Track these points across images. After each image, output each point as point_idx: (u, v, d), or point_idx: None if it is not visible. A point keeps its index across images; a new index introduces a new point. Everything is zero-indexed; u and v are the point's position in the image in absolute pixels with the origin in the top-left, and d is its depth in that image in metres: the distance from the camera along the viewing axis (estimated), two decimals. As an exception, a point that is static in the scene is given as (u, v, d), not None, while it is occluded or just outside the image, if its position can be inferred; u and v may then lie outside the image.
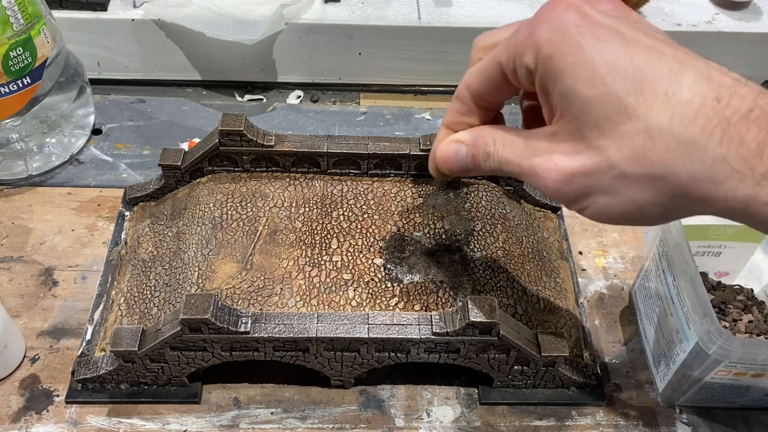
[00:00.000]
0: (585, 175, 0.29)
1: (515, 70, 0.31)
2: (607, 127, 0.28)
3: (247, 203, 0.49)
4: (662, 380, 0.46)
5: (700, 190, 0.27)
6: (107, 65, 0.66)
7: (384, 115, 0.67)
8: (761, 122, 0.26)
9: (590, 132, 0.28)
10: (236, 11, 0.61)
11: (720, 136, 0.26)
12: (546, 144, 0.31)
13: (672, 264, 0.44)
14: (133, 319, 0.45)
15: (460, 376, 0.47)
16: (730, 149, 0.26)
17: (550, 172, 0.30)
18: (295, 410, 0.45)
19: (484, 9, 0.65)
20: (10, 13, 0.49)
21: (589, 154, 0.29)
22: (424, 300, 0.44)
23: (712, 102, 0.26)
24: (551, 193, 0.31)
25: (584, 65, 0.28)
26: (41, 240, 0.53)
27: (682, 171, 0.27)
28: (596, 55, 0.28)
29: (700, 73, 0.27)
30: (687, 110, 0.26)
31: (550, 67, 0.29)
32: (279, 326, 0.40)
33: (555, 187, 0.30)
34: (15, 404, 0.44)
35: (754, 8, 0.67)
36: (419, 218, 0.49)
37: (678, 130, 0.26)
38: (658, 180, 0.27)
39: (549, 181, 0.30)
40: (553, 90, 0.29)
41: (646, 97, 0.27)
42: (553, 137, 0.30)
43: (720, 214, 0.28)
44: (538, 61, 0.29)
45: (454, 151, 0.35)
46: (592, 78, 0.28)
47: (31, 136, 0.56)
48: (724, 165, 0.26)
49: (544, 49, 0.29)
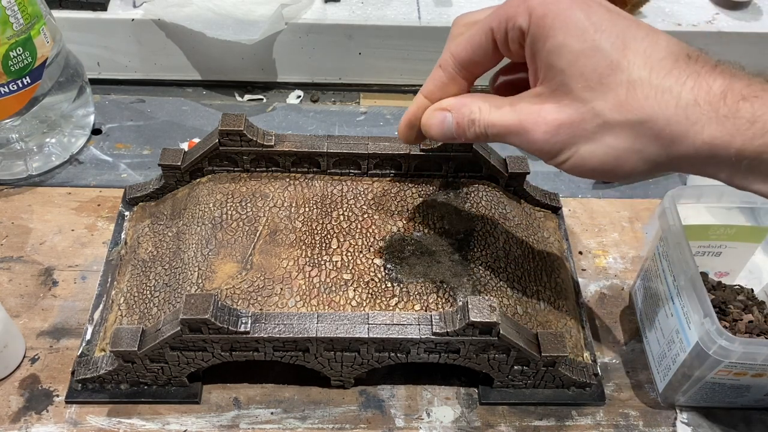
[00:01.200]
0: (571, 125, 0.31)
1: (506, 34, 0.33)
2: (594, 78, 0.30)
3: (247, 203, 0.49)
4: (662, 380, 0.46)
5: (674, 133, 0.30)
6: (107, 65, 0.66)
7: (384, 115, 0.67)
8: (725, 74, 0.30)
9: (576, 84, 0.31)
10: (236, 11, 0.61)
11: (692, 84, 0.29)
12: (532, 103, 0.33)
13: (672, 264, 0.44)
14: (133, 319, 0.45)
15: (460, 376, 0.47)
16: (700, 95, 0.29)
17: (538, 125, 0.32)
18: (295, 410, 0.45)
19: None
20: (10, 13, 0.49)
21: (575, 105, 0.31)
22: (424, 300, 0.44)
23: (684, 58, 0.30)
24: (538, 147, 0.33)
25: (575, 23, 0.31)
26: (41, 240, 0.53)
27: (659, 115, 0.30)
28: (585, 17, 0.31)
29: (670, 41, 0.31)
30: (664, 64, 0.30)
31: (542, 26, 0.31)
32: (279, 326, 0.40)
33: (543, 139, 0.32)
34: (15, 404, 0.44)
35: (754, 8, 0.67)
36: (419, 218, 0.49)
37: (656, 81, 0.30)
38: (637, 125, 0.30)
39: (537, 134, 0.32)
40: (542, 48, 0.31)
41: (628, 54, 0.30)
42: (539, 96, 0.33)
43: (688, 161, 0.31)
44: (531, 21, 0.31)
45: (440, 119, 0.36)
46: (582, 34, 0.30)
47: (31, 136, 0.56)
48: (695, 107, 0.29)
49: (538, 10, 0.31)
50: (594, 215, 0.58)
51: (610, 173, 0.32)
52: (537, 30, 0.31)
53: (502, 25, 0.33)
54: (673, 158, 0.31)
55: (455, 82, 0.36)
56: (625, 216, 0.58)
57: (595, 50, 0.30)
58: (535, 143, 0.33)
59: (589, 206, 0.59)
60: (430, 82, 0.37)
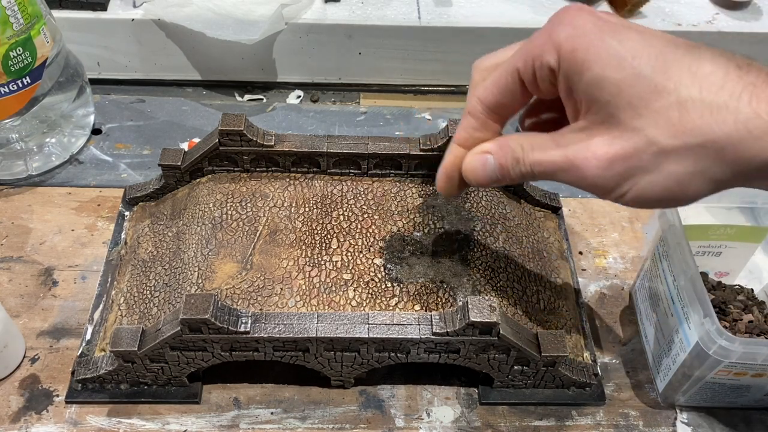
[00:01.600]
0: (625, 158, 0.30)
1: (534, 74, 0.32)
2: (641, 106, 0.29)
3: (247, 203, 0.49)
4: (662, 380, 0.46)
5: (738, 152, 0.28)
6: (107, 65, 0.66)
7: (384, 115, 0.67)
8: None
9: (624, 114, 0.29)
10: (236, 11, 0.61)
11: (748, 98, 0.27)
12: (578, 138, 0.31)
13: (672, 264, 0.44)
14: (132, 319, 0.45)
15: (460, 376, 0.47)
16: (761, 107, 0.27)
17: (589, 161, 0.30)
18: (295, 410, 0.45)
19: (484, 9, 0.65)
20: (10, 13, 0.49)
21: (626, 136, 0.29)
22: (424, 300, 0.44)
23: (735, 70, 0.28)
24: (591, 182, 0.31)
25: (609, 53, 0.29)
26: (41, 240, 0.53)
27: (719, 134, 0.28)
28: (618, 44, 0.29)
29: (714, 52, 0.29)
30: (713, 80, 0.28)
31: (574, 61, 0.30)
32: (279, 326, 0.40)
33: (596, 174, 0.30)
34: (15, 404, 0.44)
35: (754, 8, 0.67)
36: (419, 218, 0.49)
37: (709, 98, 0.28)
38: (697, 148, 0.28)
39: (590, 170, 0.30)
40: (579, 82, 0.30)
41: (673, 74, 0.28)
42: (584, 130, 0.31)
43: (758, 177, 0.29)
44: (561, 58, 0.30)
45: (482, 162, 0.35)
46: (620, 62, 0.29)
47: (31, 136, 0.56)
48: (758, 121, 0.27)
49: (566, 45, 0.30)
50: (594, 215, 0.58)
51: (675, 200, 0.31)
52: (569, 66, 0.30)
53: (528, 65, 0.32)
54: (739, 175, 0.29)
55: (487, 127, 0.35)
56: (625, 216, 0.58)
57: (637, 77, 0.29)
58: (589, 179, 0.31)
59: (589, 206, 0.59)
60: (462, 131, 0.36)
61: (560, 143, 0.32)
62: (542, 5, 0.66)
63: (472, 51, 0.65)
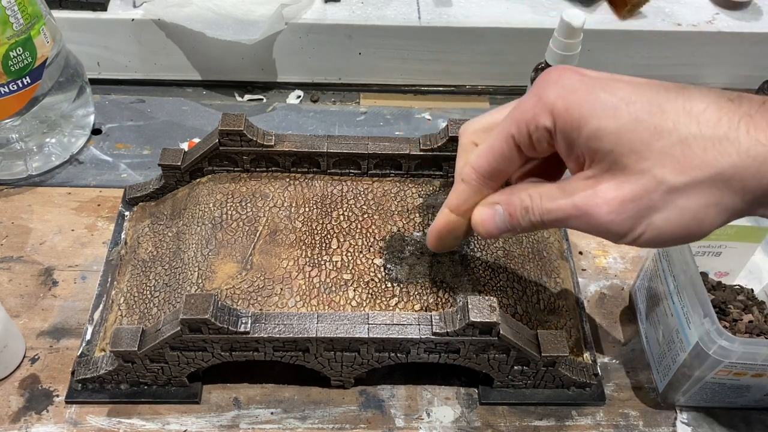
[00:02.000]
0: (635, 199, 0.30)
1: (530, 137, 0.32)
2: (644, 149, 0.29)
3: (247, 203, 0.49)
4: (662, 380, 0.46)
5: (745, 180, 0.29)
6: (107, 65, 0.66)
7: (384, 115, 0.67)
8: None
9: (628, 159, 0.30)
10: (236, 11, 0.61)
11: (746, 128, 0.28)
12: (586, 185, 0.32)
13: (672, 264, 0.44)
14: (133, 319, 0.45)
15: (460, 376, 0.47)
16: (759, 135, 0.28)
17: (600, 206, 0.31)
18: (295, 410, 0.45)
19: (484, 9, 0.65)
20: (10, 13, 0.49)
21: (633, 179, 0.30)
22: (424, 300, 0.44)
23: (728, 104, 0.29)
24: (605, 227, 0.31)
25: (603, 104, 0.30)
26: (41, 240, 0.53)
27: (724, 166, 0.28)
28: (609, 95, 0.30)
29: (701, 90, 0.30)
30: (709, 115, 0.29)
31: (569, 119, 0.31)
32: (279, 326, 0.40)
33: (608, 219, 0.31)
34: (15, 404, 0.44)
35: (754, 8, 0.67)
36: (419, 218, 0.49)
37: (708, 132, 0.29)
38: (706, 181, 0.29)
39: (602, 215, 0.31)
40: (578, 138, 0.31)
41: (669, 115, 0.29)
42: (591, 178, 0.32)
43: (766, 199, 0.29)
44: (556, 118, 0.31)
45: (491, 214, 0.35)
46: (615, 111, 0.30)
47: (31, 136, 0.56)
48: (760, 148, 0.28)
49: (558, 105, 0.31)
50: (594, 215, 0.58)
51: (691, 235, 0.31)
52: (566, 124, 0.31)
53: (523, 130, 0.32)
54: (752, 203, 0.30)
55: (481, 192, 0.36)
56: (625, 216, 0.58)
57: (635, 122, 0.29)
58: (602, 225, 0.31)
59: (589, 206, 0.58)
60: (455, 197, 0.36)
61: (568, 191, 0.33)
62: (542, 5, 0.66)
63: (472, 51, 0.66)
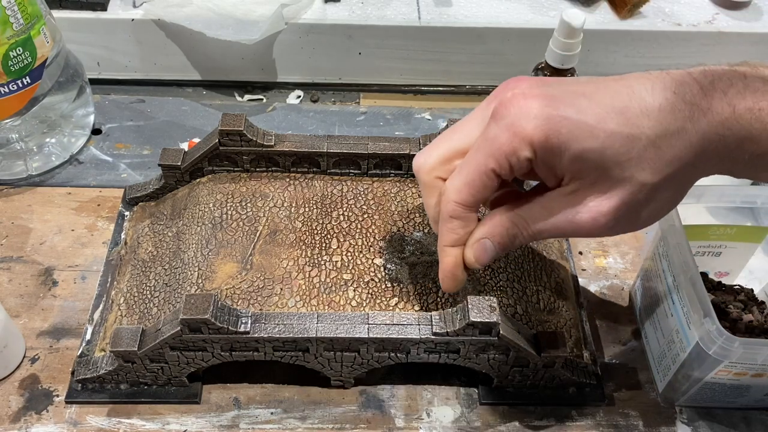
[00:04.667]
0: (627, 204, 0.33)
1: (511, 168, 0.34)
2: (623, 159, 0.32)
3: (247, 203, 0.49)
4: (662, 380, 0.46)
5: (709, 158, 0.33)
6: (107, 65, 0.66)
7: (384, 115, 0.67)
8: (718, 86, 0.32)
9: (612, 172, 0.32)
10: (236, 11, 0.61)
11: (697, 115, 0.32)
12: (573, 201, 0.34)
13: (672, 264, 0.44)
14: (132, 319, 0.45)
15: (460, 376, 0.47)
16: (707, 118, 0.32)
17: (596, 220, 0.34)
18: (295, 410, 0.45)
19: (484, 9, 0.65)
20: (9, 13, 0.49)
21: (620, 187, 0.33)
22: (424, 300, 0.44)
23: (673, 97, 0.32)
24: (603, 234, 0.35)
25: (579, 129, 0.32)
26: (41, 240, 0.53)
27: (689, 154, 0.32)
28: (580, 117, 0.32)
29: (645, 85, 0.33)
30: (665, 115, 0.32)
31: (550, 148, 0.32)
32: (279, 326, 0.40)
33: (606, 228, 0.34)
34: (15, 404, 0.44)
35: (754, 8, 0.67)
36: (419, 218, 0.49)
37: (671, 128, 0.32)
38: (679, 171, 0.33)
39: (598, 226, 0.34)
40: (560, 161, 0.33)
41: (634, 121, 0.32)
42: (575, 193, 0.34)
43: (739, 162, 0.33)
44: (537, 149, 0.33)
45: (482, 249, 0.37)
46: (591, 132, 0.32)
47: (31, 136, 0.56)
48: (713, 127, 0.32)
49: (537, 137, 0.32)
50: (594, 215, 0.58)
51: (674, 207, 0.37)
52: (546, 153, 0.33)
53: (504, 164, 0.34)
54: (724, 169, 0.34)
55: (470, 221, 0.37)
56: (625, 216, 0.58)
57: (611, 138, 0.32)
58: (599, 233, 0.34)
59: (589, 206, 0.58)
60: (449, 235, 0.37)
61: (554, 210, 0.35)
62: (542, 5, 0.66)
63: (472, 51, 0.66)
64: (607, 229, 0.34)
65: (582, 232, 0.35)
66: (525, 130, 0.32)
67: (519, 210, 0.36)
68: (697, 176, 0.34)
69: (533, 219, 0.35)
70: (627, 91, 0.33)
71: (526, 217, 0.36)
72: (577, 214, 0.34)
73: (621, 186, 0.33)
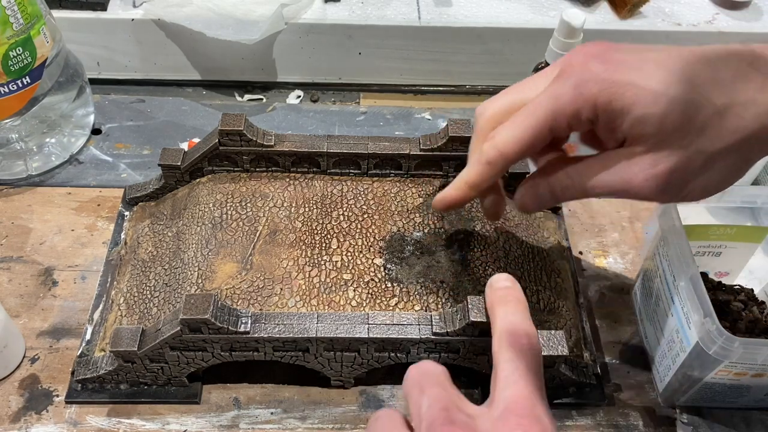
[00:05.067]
0: (681, 170, 0.33)
1: (569, 126, 0.35)
2: (684, 126, 0.32)
3: (246, 203, 0.49)
4: (662, 380, 0.46)
5: None
6: (107, 65, 0.66)
7: (384, 115, 0.67)
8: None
9: (672, 137, 0.32)
10: (236, 11, 0.61)
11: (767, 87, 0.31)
12: (631, 162, 0.34)
13: (672, 264, 0.44)
14: (132, 319, 0.45)
15: (460, 376, 0.47)
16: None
17: (648, 181, 0.34)
18: (295, 410, 0.45)
19: (484, 9, 0.65)
20: (9, 12, 0.49)
21: (678, 153, 0.33)
22: (424, 300, 0.44)
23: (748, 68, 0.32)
24: (654, 197, 0.34)
25: (643, 93, 0.32)
26: (41, 240, 0.53)
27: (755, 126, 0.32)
28: (644, 81, 0.32)
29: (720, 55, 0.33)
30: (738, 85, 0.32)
31: (612, 111, 0.33)
32: (279, 326, 0.40)
33: (657, 191, 0.34)
34: (15, 404, 0.44)
35: (754, 8, 0.67)
36: (419, 218, 0.49)
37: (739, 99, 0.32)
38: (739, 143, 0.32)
39: (650, 188, 0.34)
40: (622, 124, 0.33)
41: (702, 89, 0.32)
42: (633, 154, 0.34)
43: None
44: (600, 111, 0.33)
45: (533, 194, 0.38)
46: (656, 98, 0.32)
47: (31, 136, 0.56)
48: None
49: (601, 99, 0.33)
50: (594, 215, 0.58)
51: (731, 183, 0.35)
52: (609, 116, 0.33)
53: (563, 123, 0.34)
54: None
55: (501, 173, 0.38)
56: (625, 216, 0.58)
57: (673, 104, 0.32)
58: (650, 195, 0.34)
59: (589, 206, 0.58)
60: (476, 175, 0.38)
61: (610, 168, 0.35)
62: (542, 5, 0.66)
63: (471, 51, 0.66)
64: (658, 191, 0.34)
65: (632, 193, 0.34)
66: (590, 91, 0.33)
67: (576, 164, 0.36)
68: (760, 151, 0.34)
69: (588, 174, 0.35)
70: (700, 60, 0.33)
71: (581, 172, 0.36)
72: (631, 174, 0.34)
73: (678, 151, 0.33)
